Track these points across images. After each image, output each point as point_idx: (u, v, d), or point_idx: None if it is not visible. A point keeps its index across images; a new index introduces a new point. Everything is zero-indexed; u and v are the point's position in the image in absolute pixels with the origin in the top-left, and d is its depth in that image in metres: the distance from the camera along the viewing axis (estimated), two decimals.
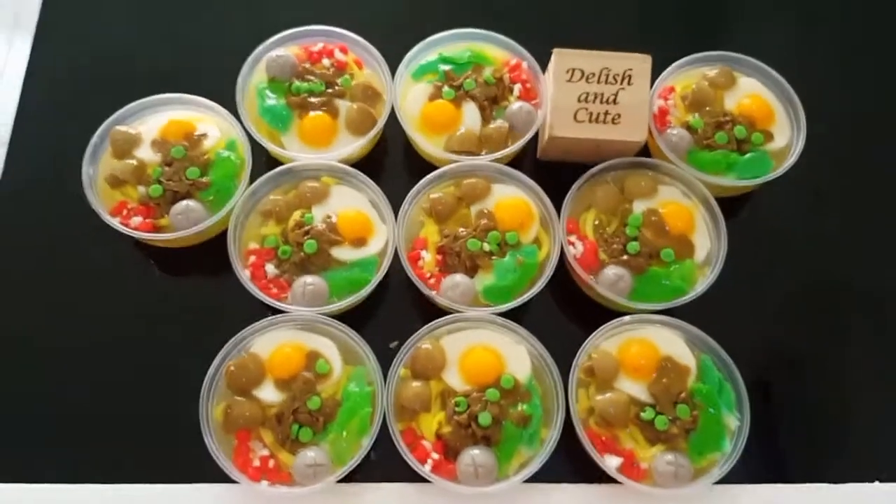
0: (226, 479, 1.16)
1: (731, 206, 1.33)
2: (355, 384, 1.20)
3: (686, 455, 1.17)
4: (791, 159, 1.34)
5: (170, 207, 1.29)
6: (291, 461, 1.16)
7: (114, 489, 1.20)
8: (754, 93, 1.41)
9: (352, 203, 1.32)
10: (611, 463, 1.16)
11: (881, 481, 1.24)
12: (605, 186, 1.33)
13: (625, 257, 1.27)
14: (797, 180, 1.37)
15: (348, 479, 1.19)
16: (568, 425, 1.18)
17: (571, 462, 1.22)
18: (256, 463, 1.16)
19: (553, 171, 1.35)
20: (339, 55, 1.42)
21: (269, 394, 1.19)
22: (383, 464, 1.21)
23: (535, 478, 1.17)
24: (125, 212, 1.30)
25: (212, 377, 1.18)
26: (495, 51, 1.43)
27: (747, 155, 1.35)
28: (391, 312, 1.33)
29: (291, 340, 1.22)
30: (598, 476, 1.21)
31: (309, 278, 1.25)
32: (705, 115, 1.38)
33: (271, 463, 1.16)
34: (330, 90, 1.38)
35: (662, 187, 1.34)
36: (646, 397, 1.20)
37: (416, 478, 1.18)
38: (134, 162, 1.31)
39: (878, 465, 1.25)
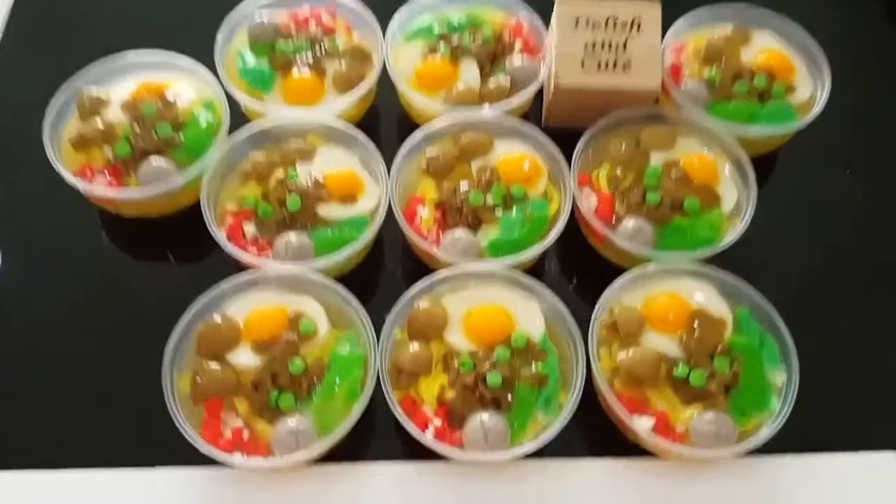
0: (193, 460, 1.01)
1: (757, 165, 1.20)
2: (344, 346, 1.05)
3: (728, 415, 1.01)
4: (817, 108, 1.24)
5: (138, 167, 1.17)
6: (270, 432, 1.00)
7: (62, 475, 1.04)
8: (771, 47, 1.31)
9: (341, 162, 1.20)
10: (642, 425, 1.00)
11: None
12: (619, 139, 1.22)
13: (644, 209, 1.15)
14: (825, 133, 1.28)
15: (337, 458, 1.04)
16: (588, 391, 1.03)
17: (594, 433, 1.07)
18: (228, 435, 0.99)
19: (560, 137, 1.23)
20: (326, 19, 1.33)
21: (244, 358, 1.03)
22: (377, 439, 1.07)
23: (554, 451, 1.03)
24: (89, 173, 1.18)
25: (177, 341, 1.03)
26: (494, 13, 1.34)
27: (769, 105, 1.25)
28: (386, 277, 1.21)
29: (272, 302, 1.08)
30: (624, 449, 1.06)
31: (293, 235, 1.12)
32: (721, 69, 1.28)
33: (246, 434, 1.00)
34: (316, 50, 1.28)
35: (681, 140, 1.23)
36: (677, 353, 1.05)
37: (416, 455, 1.04)
38: (100, 122, 1.20)
39: None
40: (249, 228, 1.13)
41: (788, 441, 1.02)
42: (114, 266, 1.22)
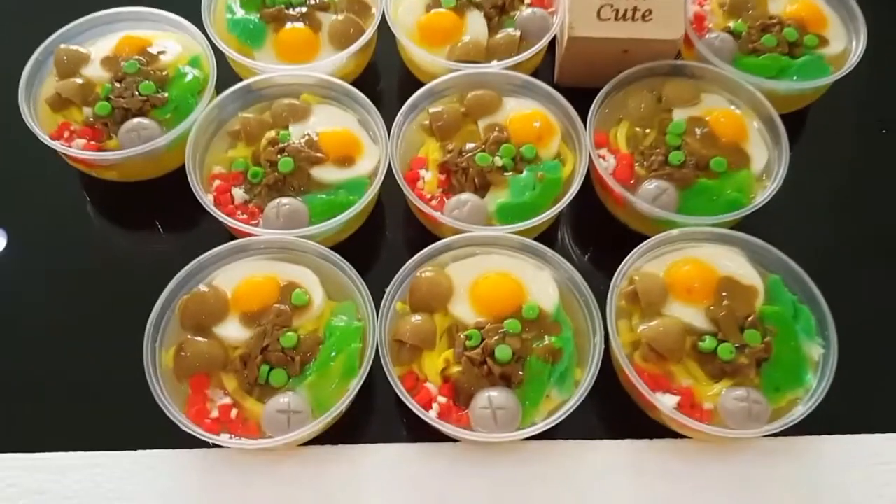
0: (177, 442, 0.94)
1: (786, 123, 1.10)
2: (340, 319, 0.97)
3: (760, 391, 0.93)
4: (851, 62, 1.15)
5: (119, 128, 1.09)
6: (260, 411, 0.92)
7: (40, 459, 0.96)
8: None
9: (337, 122, 1.12)
10: (666, 402, 0.92)
11: None
12: (638, 95, 1.13)
13: (667, 169, 1.06)
14: (859, 89, 1.22)
15: (333, 439, 0.97)
16: (606, 366, 0.95)
17: (612, 412, 1.01)
18: (215, 413, 0.92)
19: (574, 94, 1.14)
20: None
21: (232, 331, 0.96)
22: (376, 419, 1.00)
23: (569, 432, 0.97)
24: (67, 134, 1.10)
25: (159, 313, 0.96)
26: None
27: (801, 59, 1.16)
28: (385, 244, 1.14)
29: (262, 271, 1.00)
30: (646, 430, 0.98)
31: (284, 199, 1.04)
32: (748, 19, 1.20)
33: (234, 413, 0.93)
34: (311, 2, 1.19)
35: (706, 96, 1.14)
36: (704, 324, 0.97)
37: (419, 435, 0.97)
38: (80, 80, 1.12)
39: None
40: (238, 193, 1.06)
41: (826, 420, 0.95)
42: (94, 234, 1.15)
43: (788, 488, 0.95)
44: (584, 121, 1.08)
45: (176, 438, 0.91)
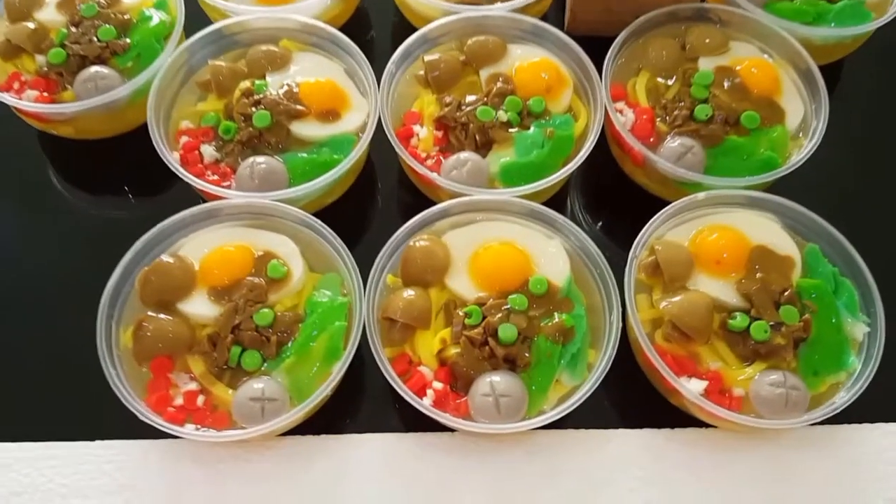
0: (138, 432, 0.86)
1: (823, 75, 1.03)
2: (323, 293, 0.90)
3: (797, 375, 0.85)
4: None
5: (75, 78, 1.02)
6: (230, 397, 0.85)
7: None
8: None
9: (321, 72, 1.04)
10: (692, 388, 0.84)
11: None
12: (659, 41, 1.06)
13: (692, 125, 1.00)
14: None
15: (314, 429, 0.90)
16: (623, 347, 0.88)
17: (630, 398, 0.95)
18: (179, 400, 0.86)
19: (587, 42, 1.05)
20: None
21: (200, 307, 0.90)
22: (364, 407, 0.93)
23: (582, 421, 0.90)
24: (17, 85, 1.03)
25: (116, 286, 0.88)
26: None
27: (839, 3, 1.09)
28: (375, 210, 1.07)
29: (234, 239, 0.93)
30: (668, 418, 0.91)
31: (260, 158, 0.97)
32: None
33: (200, 400, 0.86)
34: None
35: (735, 44, 1.08)
36: (734, 299, 0.90)
37: (412, 425, 0.90)
38: (32, 25, 1.05)
39: None
40: (208, 150, 1.00)
41: (870, 407, 0.88)
42: (48, 197, 1.08)
43: (827, 482, 0.89)
44: (599, 71, 1.03)
45: (136, 428, 0.84)
